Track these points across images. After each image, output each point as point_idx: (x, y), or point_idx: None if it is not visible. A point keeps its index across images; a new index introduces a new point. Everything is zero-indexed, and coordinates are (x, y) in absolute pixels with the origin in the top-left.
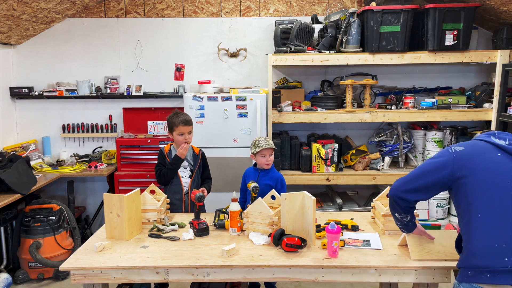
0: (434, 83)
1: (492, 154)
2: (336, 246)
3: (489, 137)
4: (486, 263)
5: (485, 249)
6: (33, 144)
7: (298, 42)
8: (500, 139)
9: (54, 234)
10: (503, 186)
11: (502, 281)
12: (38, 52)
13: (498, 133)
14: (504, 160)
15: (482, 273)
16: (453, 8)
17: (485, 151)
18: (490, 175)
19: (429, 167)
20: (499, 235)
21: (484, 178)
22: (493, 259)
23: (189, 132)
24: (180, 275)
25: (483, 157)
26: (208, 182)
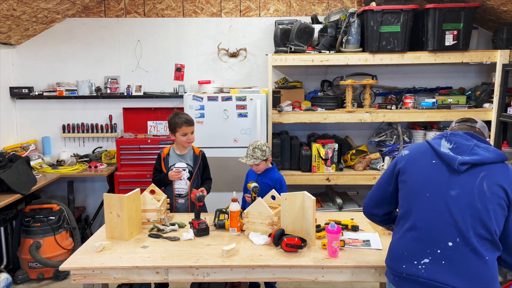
0: (434, 83)
1: (426, 161)
2: (336, 246)
3: (440, 139)
4: (390, 265)
5: (393, 252)
6: (33, 144)
7: (298, 42)
8: (448, 141)
9: (54, 234)
10: (423, 198)
11: (399, 285)
12: (38, 52)
13: (451, 134)
14: (435, 169)
15: (389, 273)
16: (453, 8)
17: (422, 158)
18: (417, 185)
19: (382, 176)
20: (406, 242)
21: (411, 187)
22: (395, 263)
23: (191, 132)
24: (180, 275)
25: (418, 165)
26: (207, 182)
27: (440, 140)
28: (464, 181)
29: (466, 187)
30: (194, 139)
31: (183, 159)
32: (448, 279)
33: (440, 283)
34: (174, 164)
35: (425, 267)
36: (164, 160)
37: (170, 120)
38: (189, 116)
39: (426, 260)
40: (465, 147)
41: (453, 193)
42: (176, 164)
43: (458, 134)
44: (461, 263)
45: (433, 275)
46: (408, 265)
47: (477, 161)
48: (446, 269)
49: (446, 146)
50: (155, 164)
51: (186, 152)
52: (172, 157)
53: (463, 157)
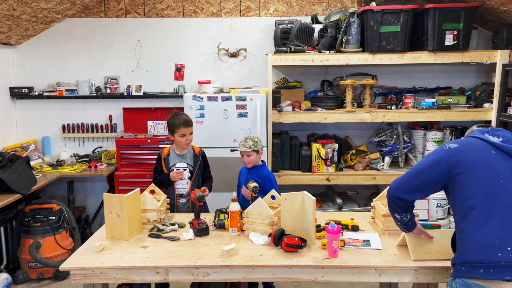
0: (434, 83)
1: (486, 152)
2: (336, 246)
3: (483, 134)
4: (479, 258)
5: (479, 245)
6: (33, 144)
7: (298, 42)
8: (494, 136)
9: (54, 234)
10: (496, 184)
11: (496, 276)
12: (38, 52)
13: (492, 129)
14: (497, 158)
15: (476, 268)
16: (453, 8)
17: (479, 148)
18: (484, 173)
19: (424, 165)
20: (492, 231)
21: (479, 175)
22: (487, 255)
23: (190, 133)
24: (180, 275)
25: (477, 155)
26: (209, 181)
27: (484, 134)
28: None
29: None
30: (192, 140)
31: (184, 159)
32: None
33: None
34: (174, 164)
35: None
36: (165, 160)
37: (169, 121)
38: (187, 116)
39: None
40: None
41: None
42: (176, 164)
43: (500, 129)
44: None
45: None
46: (503, 252)
47: None
48: None
49: (496, 140)
50: (155, 165)
51: (186, 152)
52: (172, 158)
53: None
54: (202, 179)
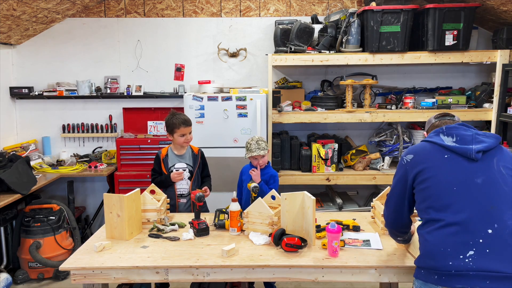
0: (434, 83)
1: (439, 156)
2: (336, 246)
3: (437, 135)
4: (433, 265)
5: (433, 252)
6: (33, 144)
7: (298, 42)
8: (448, 135)
9: (54, 234)
10: (450, 191)
11: (447, 283)
12: (38, 52)
13: (446, 128)
14: (451, 161)
15: (431, 274)
16: (453, 8)
17: (432, 154)
18: (442, 180)
19: (394, 190)
20: (445, 239)
21: (437, 183)
22: (439, 262)
23: (189, 133)
24: (180, 275)
25: (431, 162)
26: (208, 180)
27: (438, 136)
28: (483, 168)
29: (488, 173)
30: (192, 139)
31: (183, 159)
32: (497, 266)
33: (491, 271)
34: (173, 165)
35: (471, 259)
36: (163, 161)
37: (168, 121)
38: (186, 116)
39: (471, 252)
40: (468, 137)
41: (479, 181)
42: (175, 164)
43: (454, 127)
44: (504, 248)
45: (482, 265)
46: (454, 261)
47: (487, 147)
48: (492, 256)
49: (450, 140)
50: (154, 166)
51: (184, 152)
52: (171, 158)
53: (475, 147)
54: (201, 178)
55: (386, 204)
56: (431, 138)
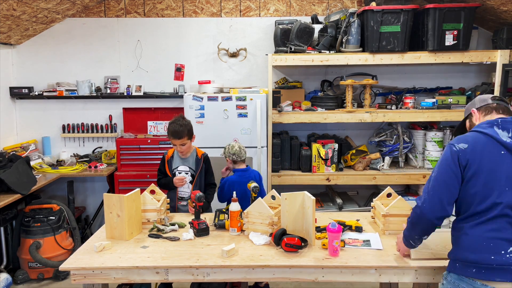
0: (434, 83)
1: (495, 152)
2: (337, 246)
3: (491, 127)
4: (473, 258)
5: (474, 245)
6: (33, 144)
7: (298, 42)
8: (504, 129)
9: (54, 234)
10: (502, 189)
11: (486, 277)
12: (38, 52)
13: (502, 121)
14: (507, 159)
15: (469, 267)
16: (453, 8)
17: (488, 149)
18: (493, 177)
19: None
20: (489, 234)
21: (487, 178)
22: (481, 256)
23: (181, 144)
24: (180, 275)
25: (486, 157)
26: (210, 190)
27: (492, 128)
28: None
29: None
30: (186, 151)
31: (186, 163)
32: None
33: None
34: (177, 167)
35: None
36: (168, 162)
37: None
38: (182, 126)
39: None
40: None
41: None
42: (178, 167)
43: (509, 120)
44: None
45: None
46: (496, 255)
47: None
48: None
49: (506, 135)
50: (159, 166)
51: (189, 156)
52: (175, 160)
53: None
54: (204, 185)
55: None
56: (485, 129)
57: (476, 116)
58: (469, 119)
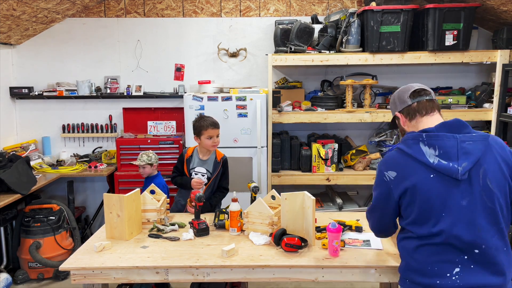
0: (434, 83)
1: (424, 175)
2: (337, 245)
3: (417, 144)
4: (420, 281)
5: (420, 268)
6: (33, 144)
7: (298, 42)
8: (430, 146)
9: (54, 234)
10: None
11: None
12: (38, 52)
13: (426, 137)
14: (438, 182)
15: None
16: (453, 8)
17: (418, 173)
18: (428, 203)
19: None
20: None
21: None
22: (427, 280)
23: (217, 135)
24: (180, 275)
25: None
26: (219, 194)
27: (418, 146)
28: (468, 187)
29: (473, 193)
30: (219, 142)
31: (204, 165)
32: (483, 279)
33: (478, 285)
34: (194, 167)
35: (458, 276)
36: (187, 161)
37: (195, 123)
38: (214, 119)
39: (457, 270)
40: (453, 150)
41: (464, 203)
42: (196, 168)
43: (435, 135)
44: (489, 263)
45: (468, 280)
46: (442, 279)
47: (474, 161)
48: (477, 271)
49: (432, 154)
50: (177, 163)
51: (208, 158)
52: (194, 160)
53: (462, 166)
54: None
55: (370, 214)
56: (410, 148)
57: (402, 120)
58: (398, 122)
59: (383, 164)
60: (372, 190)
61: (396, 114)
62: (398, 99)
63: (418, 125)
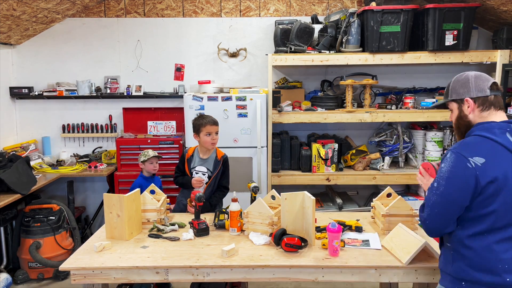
0: (434, 83)
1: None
2: (337, 245)
3: (504, 134)
4: (486, 279)
5: (488, 266)
6: (33, 144)
7: (298, 42)
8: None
9: (54, 234)
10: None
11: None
12: (38, 52)
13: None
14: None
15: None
16: (453, 8)
17: (505, 162)
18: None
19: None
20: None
21: (508, 196)
22: (495, 277)
23: (216, 133)
24: (180, 275)
25: (505, 172)
26: (219, 193)
27: (505, 135)
28: None
29: None
30: (217, 140)
31: (205, 164)
32: None
33: None
34: (195, 167)
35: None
36: (188, 160)
37: (195, 121)
38: (213, 117)
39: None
40: None
41: None
42: (197, 167)
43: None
44: None
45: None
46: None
47: None
48: None
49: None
50: (178, 163)
51: (209, 157)
52: (195, 160)
53: None
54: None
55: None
56: (498, 136)
57: (471, 107)
58: (458, 105)
59: (465, 150)
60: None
61: (467, 99)
62: (476, 87)
63: (489, 117)
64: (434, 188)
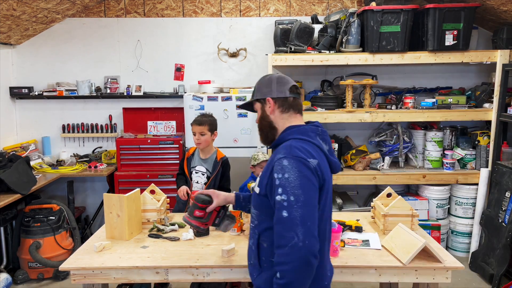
0: (434, 83)
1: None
2: (337, 245)
3: (316, 137)
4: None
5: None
6: (33, 144)
7: (298, 42)
8: (326, 143)
9: (54, 234)
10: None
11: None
12: (38, 52)
13: (322, 132)
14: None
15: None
16: (453, 8)
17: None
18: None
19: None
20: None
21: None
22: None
23: (201, 133)
24: (180, 275)
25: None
26: None
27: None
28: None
29: None
30: (204, 144)
31: (204, 163)
32: None
33: None
34: (194, 166)
35: None
36: (188, 160)
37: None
38: (205, 117)
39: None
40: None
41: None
42: (196, 167)
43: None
44: None
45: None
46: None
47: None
48: None
49: (326, 149)
50: (180, 161)
51: (209, 157)
52: (195, 159)
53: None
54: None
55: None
56: (314, 139)
57: (272, 107)
58: (262, 105)
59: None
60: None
61: (268, 99)
62: (277, 87)
63: (290, 119)
64: (292, 202)
